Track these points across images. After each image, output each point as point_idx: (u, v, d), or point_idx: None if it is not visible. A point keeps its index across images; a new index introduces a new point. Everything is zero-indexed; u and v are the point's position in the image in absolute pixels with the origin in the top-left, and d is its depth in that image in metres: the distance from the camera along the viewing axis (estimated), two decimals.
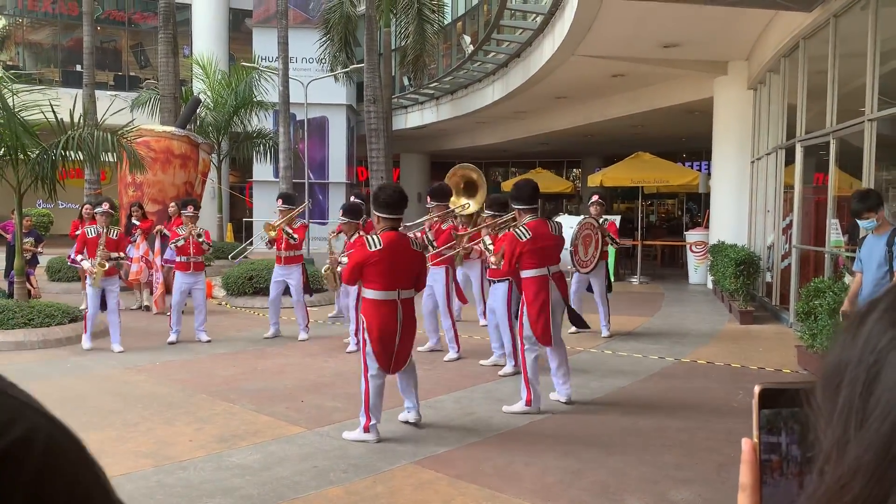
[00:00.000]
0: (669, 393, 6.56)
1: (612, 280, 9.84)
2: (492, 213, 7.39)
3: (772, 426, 0.55)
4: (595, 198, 9.81)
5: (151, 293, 11.40)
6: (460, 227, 8.48)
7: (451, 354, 7.95)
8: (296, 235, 8.99)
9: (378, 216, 5.37)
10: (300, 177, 19.64)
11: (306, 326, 9.17)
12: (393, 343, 5.21)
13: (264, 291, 10.59)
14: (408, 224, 7.61)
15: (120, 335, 8.43)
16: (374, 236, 5.24)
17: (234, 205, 25.57)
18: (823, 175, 9.53)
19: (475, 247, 8.04)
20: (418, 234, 7.69)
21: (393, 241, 5.24)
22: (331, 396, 6.42)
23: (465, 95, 21.03)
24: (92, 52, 16.28)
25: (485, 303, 10.00)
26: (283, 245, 8.99)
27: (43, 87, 9.96)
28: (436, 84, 22.27)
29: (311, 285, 10.36)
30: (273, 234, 8.98)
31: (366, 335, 5.21)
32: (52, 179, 9.18)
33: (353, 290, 8.50)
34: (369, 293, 5.24)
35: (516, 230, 6.01)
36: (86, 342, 8.46)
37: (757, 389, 0.56)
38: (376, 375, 5.22)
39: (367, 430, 5.22)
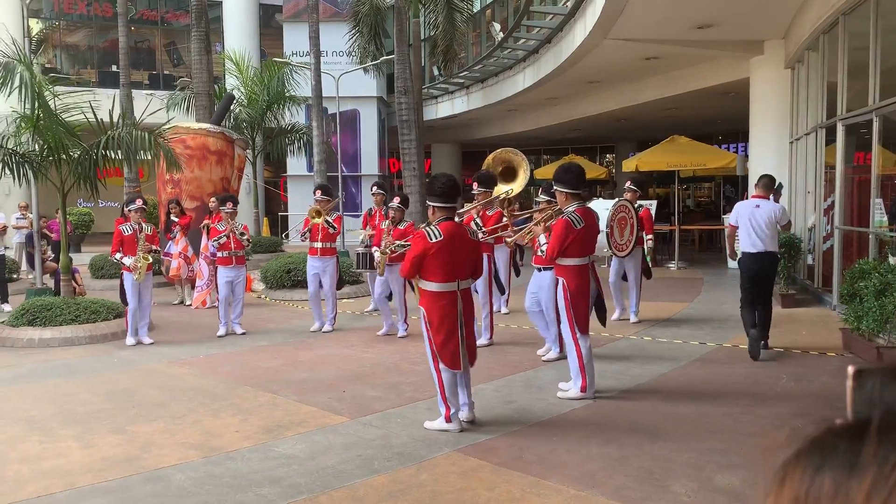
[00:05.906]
0: (712, 378, 6.49)
1: (651, 266, 9.75)
2: (547, 198, 6.92)
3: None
4: (629, 184, 9.71)
5: (193, 288, 11.59)
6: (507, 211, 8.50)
7: (483, 340, 7.77)
8: (335, 225, 9.06)
9: (434, 206, 5.19)
10: (333, 170, 19.75)
11: (333, 318, 9.25)
12: (456, 335, 5.11)
13: (302, 284, 10.69)
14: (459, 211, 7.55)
15: (148, 329, 8.85)
16: (434, 227, 5.09)
17: (269, 199, 25.85)
18: (865, 154, 9.32)
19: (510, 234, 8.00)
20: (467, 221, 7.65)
21: (452, 231, 5.11)
22: (371, 386, 6.48)
23: (496, 83, 20.91)
24: (127, 52, 16.52)
25: (509, 290, 9.99)
26: (319, 236, 9.06)
27: (81, 88, 10.09)
28: (466, 73, 22.19)
29: (345, 278, 10.42)
30: (318, 220, 8.96)
31: (428, 327, 5.12)
32: (94, 178, 9.38)
33: (395, 280, 8.54)
34: (429, 285, 5.12)
35: (572, 217, 5.70)
36: (129, 339, 8.66)
37: (851, 370, 0.54)
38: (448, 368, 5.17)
39: (448, 419, 5.16)
